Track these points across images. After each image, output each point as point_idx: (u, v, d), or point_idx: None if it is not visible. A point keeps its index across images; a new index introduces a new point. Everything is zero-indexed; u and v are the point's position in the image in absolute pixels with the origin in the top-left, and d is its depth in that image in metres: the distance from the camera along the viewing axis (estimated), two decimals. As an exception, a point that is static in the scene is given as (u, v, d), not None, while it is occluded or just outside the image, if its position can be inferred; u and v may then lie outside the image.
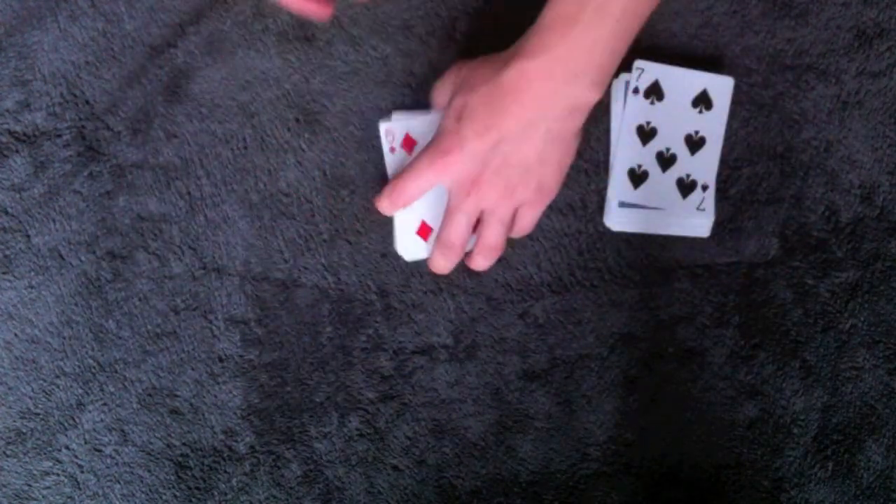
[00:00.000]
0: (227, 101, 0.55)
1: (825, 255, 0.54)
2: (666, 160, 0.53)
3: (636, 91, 0.52)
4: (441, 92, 0.53)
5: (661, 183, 0.53)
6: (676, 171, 0.53)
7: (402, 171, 0.52)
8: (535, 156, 0.49)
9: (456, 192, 0.51)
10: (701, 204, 0.53)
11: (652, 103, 0.53)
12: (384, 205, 0.52)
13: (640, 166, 0.53)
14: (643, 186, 0.53)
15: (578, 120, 0.49)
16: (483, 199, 0.50)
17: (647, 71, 0.52)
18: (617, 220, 0.54)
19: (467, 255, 0.53)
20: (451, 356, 0.55)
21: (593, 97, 0.48)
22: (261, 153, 0.55)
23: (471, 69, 0.50)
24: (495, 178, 0.49)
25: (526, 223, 0.53)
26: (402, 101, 0.55)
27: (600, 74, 0.47)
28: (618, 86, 0.54)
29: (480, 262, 0.53)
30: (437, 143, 0.50)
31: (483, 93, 0.48)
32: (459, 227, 0.51)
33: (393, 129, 0.54)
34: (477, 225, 0.52)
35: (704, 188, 0.53)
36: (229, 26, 0.55)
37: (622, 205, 0.53)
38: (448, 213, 0.52)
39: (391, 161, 0.54)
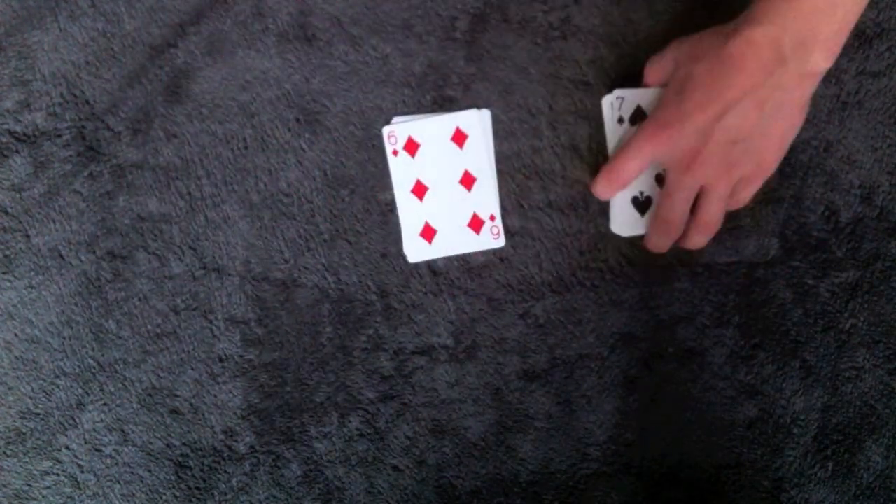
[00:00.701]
0: (227, 101, 0.55)
1: (825, 255, 0.54)
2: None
3: (621, 121, 0.53)
4: (657, 67, 0.51)
5: None
6: None
7: (619, 150, 0.50)
8: (759, 128, 0.47)
9: (675, 167, 0.49)
10: None
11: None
12: (602, 188, 0.51)
13: (642, 193, 0.53)
14: (649, 212, 0.53)
15: (807, 89, 0.47)
16: (703, 175, 0.48)
17: (627, 99, 0.52)
18: (626, 224, 0.54)
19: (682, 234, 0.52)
20: (452, 356, 0.55)
21: (824, 66, 0.46)
22: (261, 153, 0.55)
23: (694, 41, 0.49)
24: (716, 153, 0.47)
25: (743, 197, 0.51)
26: (402, 101, 0.55)
27: (831, 41, 0.45)
28: (606, 106, 0.53)
29: (698, 240, 0.52)
30: (657, 116, 0.49)
31: (707, 63, 0.46)
32: (678, 205, 0.50)
33: (395, 132, 0.54)
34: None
35: None
36: (229, 26, 0.55)
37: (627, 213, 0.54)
38: (666, 190, 0.50)
39: (395, 164, 0.54)
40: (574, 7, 0.54)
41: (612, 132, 0.53)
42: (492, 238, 0.55)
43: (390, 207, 0.55)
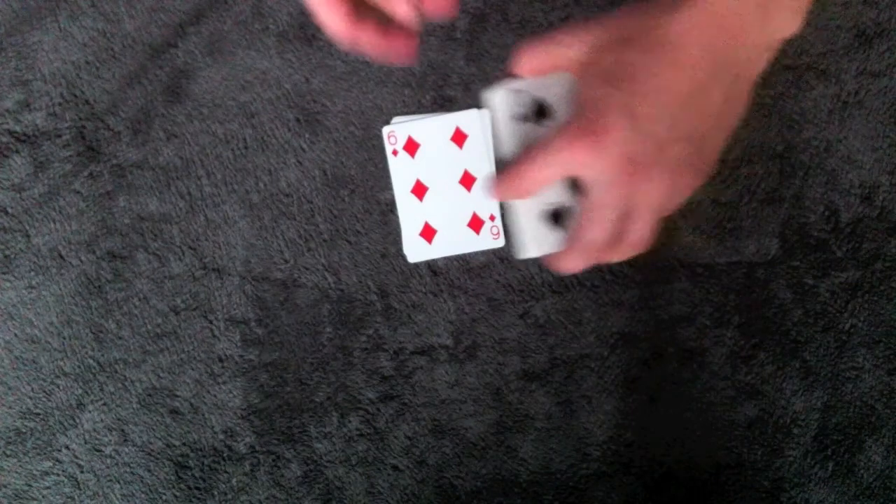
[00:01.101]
0: (227, 101, 0.55)
1: (825, 255, 0.54)
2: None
3: (523, 118, 0.43)
4: (547, 52, 0.40)
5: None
6: None
7: (527, 152, 0.39)
8: (713, 119, 0.38)
9: (604, 181, 0.38)
10: None
11: (543, 126, 0.43)
12: (496, 193, 0.41)
13: (558, 205, 0.43)
14: (564, 224, 0.43)
15: (765, 61, 0.38)
16: (641, 191, 0.38)
17: (524, 92, 0.42)
18: (537, 243, 0.44)
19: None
20: (451, 356, 0.55)
21: (794, 26, 0.37)
22: (261, 153, 0.55)
23: (618, 20, 0.38)
24: (660, 163, 0.37)
25: (674, 206, 0.40)
26: (402, 101, 0.55)
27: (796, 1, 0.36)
28: (496, 102, 0.43)
29: (617, 259, 0.42)
30: (579, 119, 0.38)
31: (647, 44, 0.36)
32: (606, 228, 0.39)
33: (395, 132, 0.54)
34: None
35: None
36: (229, 26, 0.55)
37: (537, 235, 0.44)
38: (591, 209, 0.39)
39: (395, 164, 0.54)
40: (574, 7, 0.54)
41: (509, 132, 0.42)
42: (492, 238, 0.55)
43: (390, 207, 0.55)
